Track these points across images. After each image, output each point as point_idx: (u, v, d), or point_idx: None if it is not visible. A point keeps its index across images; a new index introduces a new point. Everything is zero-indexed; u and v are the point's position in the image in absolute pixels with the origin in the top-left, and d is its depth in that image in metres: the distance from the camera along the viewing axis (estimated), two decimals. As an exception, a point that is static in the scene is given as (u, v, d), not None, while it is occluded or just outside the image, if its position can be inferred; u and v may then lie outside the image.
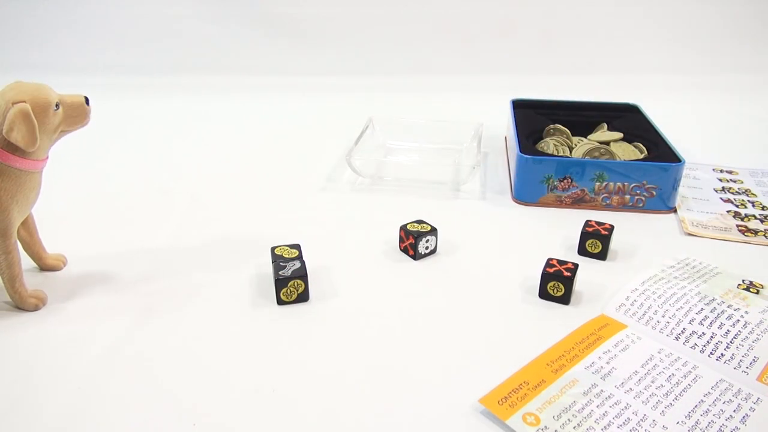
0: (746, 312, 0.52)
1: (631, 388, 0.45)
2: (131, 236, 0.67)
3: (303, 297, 0.55)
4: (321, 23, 1.37)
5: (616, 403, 0.43)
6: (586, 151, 0.77)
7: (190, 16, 1.36)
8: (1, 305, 0.54)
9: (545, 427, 0.41)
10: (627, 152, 0.79)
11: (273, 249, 0.59)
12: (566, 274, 0.55)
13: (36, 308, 0.54)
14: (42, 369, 0.47)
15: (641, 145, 0.80)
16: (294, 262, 0.56)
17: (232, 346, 0.50)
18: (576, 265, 0.56)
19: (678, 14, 1.36)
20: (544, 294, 0.56)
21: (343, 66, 1.35)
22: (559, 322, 0.53)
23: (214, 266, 0.61)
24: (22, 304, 0.53)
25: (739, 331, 0.50)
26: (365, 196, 0.77)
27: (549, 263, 0.56)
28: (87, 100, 0.52)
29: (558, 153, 0.79)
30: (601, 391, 0.45)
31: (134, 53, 1.35)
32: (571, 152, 0.80)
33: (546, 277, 0.55)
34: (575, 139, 0.84)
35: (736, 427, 0.41)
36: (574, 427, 0.41)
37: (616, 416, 0.42)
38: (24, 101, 0.47)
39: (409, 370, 0.47)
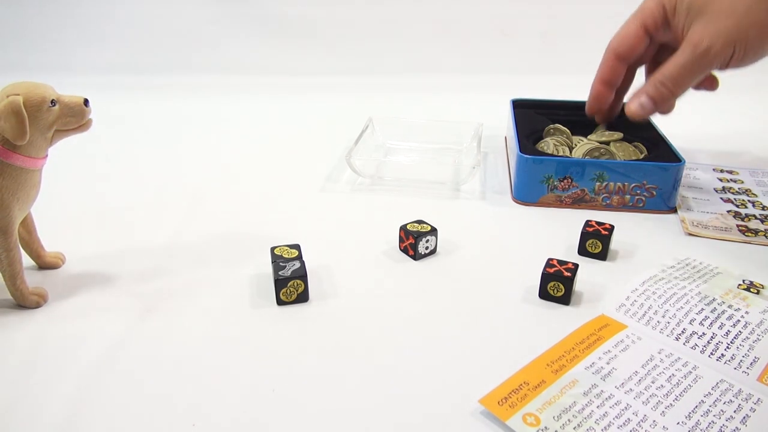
0: (747, 312, 0.52)
1: (631, 389, 0.45)
2: (131, 235, 0.66)
3: (303, 297, 0.55)
4: (322, 23, 1.37)
5: (616, 404, 0.43)
6: (586, 151, 0.77)
7: (190, 16, 1.36)
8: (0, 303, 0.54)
9: (545, 427, 0.41)
10: (627, 152, 0.79)
11: (273, 249, 0.58)
12: (566, 274, 0.55)
13: (38, 305, 0.54)
14: (40, 368, 0.47)
15: (641, 145, 0.80)
16: (294, 262, 0.56)
17: (232, 346, 0.50)
18: (576, 266, 0.56)
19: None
20: (544, 294, 0.56)
21: (343, 66, 1.34)
22: (559, 322, 0.53)
23: (213, 266, 0.61)
24: (24, 301, 0.53)
25: (740, 331, 0.50)
26: (365, 196, 0.77)
27: (549, 263, 0.56)
28: (86, 101, 0.52)
29: (558, 153, 0.79)
30: (602, 391, 0.45)
31: (134, 53, 1.35)
32: (571, 152, 0.80)
33: (546, 277, 0.55)
34: (575, 139, 0.84)
35: (737, 428, 0.41)
36: (574, 428, 0.41)
37: (616, 417, 0.42)
38: (18, 94, 0.48)
39: (409, 371, 0.47)
